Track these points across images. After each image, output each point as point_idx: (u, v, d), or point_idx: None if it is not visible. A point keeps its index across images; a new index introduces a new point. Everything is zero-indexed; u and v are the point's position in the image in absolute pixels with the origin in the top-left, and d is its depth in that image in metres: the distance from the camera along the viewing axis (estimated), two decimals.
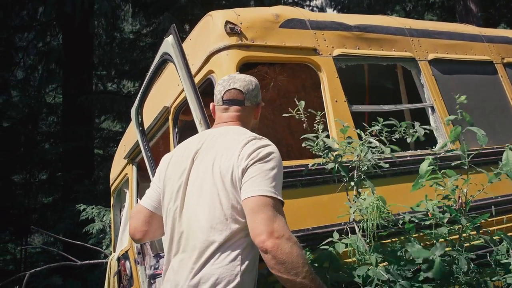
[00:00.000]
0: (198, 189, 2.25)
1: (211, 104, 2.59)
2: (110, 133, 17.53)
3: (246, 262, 2.17)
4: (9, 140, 14.64)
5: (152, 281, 4.31)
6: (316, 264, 2.57)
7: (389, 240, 2.91)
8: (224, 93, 2.50)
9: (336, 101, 3.31)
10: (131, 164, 4.97)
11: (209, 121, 2.77)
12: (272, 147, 2.27)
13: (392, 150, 2.80)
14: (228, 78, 2.55)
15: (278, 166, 2.23)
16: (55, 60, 15.23)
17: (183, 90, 3.49)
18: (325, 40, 3.46)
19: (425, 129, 2.88)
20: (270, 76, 4.45)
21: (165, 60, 3.14)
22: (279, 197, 2.14)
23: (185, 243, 2.24)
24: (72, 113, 14.31)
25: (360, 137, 2.91)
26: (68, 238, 8.75)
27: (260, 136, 2.33)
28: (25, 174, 15.81)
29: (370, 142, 2.81)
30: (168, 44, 2.95)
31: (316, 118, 2.86)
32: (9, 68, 16.07)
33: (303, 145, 2.86)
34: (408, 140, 2.90)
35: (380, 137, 2.84)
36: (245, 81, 2.54)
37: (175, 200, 2.32)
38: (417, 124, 2.89)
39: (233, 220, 2.16)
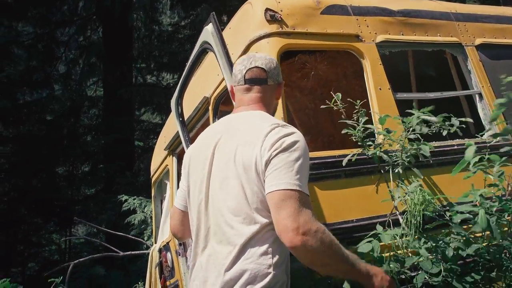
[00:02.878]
0: (222, 182, 2.17)
1: (229, 85, 2.50)
2: (150, 125, 17.72)
3: (277, 255, 2.08)
4: (52, 133, 14.97)
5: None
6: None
7: (433, 233, 2.82)
8: (246, 72, 2.38)
9: (380, 89, 3.21)
10: (171, 156, 4.97)
11: None
12: (297, 135, 2.14)
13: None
14: (248, 57, 2.44)
15: (304, 155, 2.10)
16: (95, 53, 15.47)
17: (223, 80, 3.45)
18: (367, 26, 3.36)
19: (461, 122, 2.77)
20: (311, 65, 4.37)
21: (205, 49, 3.10)
22: (304, 190, 2.03)
23: (213, 238, 2.18)
24: (113, 106, 14.50)
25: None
26: (110, 229, 8.88)
27: (284, 123, 2.21)
28: (68, 166, 16.15)
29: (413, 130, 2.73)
30: (208, 32, 2.91)
31: (356, 107, 2.78)
32: (51, 62, 16.39)
33: (344, 131, 2.78)
34: (444, 133, 2.81)
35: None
36: (267, 59, 2.43)
37: (199, 194, 2.26)
38: (454, 118, 2.78)
39: (260, 213, 2.08)
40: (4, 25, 15.68)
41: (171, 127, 4.64)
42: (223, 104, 3.80)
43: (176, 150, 4.83)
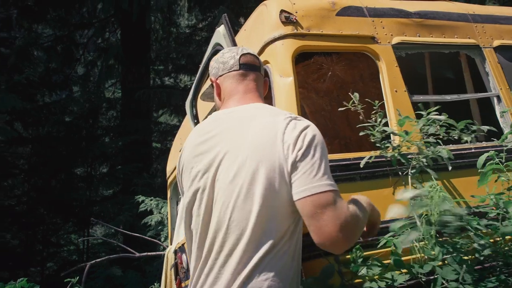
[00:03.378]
0: (234, 188, 1.95)
1: (213, 78, 2.30)
2: (167, 126, 17.84)
3: (293, 269, 2.01)
4: (71, 135, 15.11)
5: None
6: (376, 262, 2.47)
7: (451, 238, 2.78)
8: (240, 57, 2.22)
9: (396, 91, 3.18)
10: None
11: None
12: (312, 127, 2.03)
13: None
14: (236, 47, 2.33)
15: (323, 147, 2.01)
16: (113, 55, 15.59)
17: None
18: (383, 28, 3.33)
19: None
20: (327, 67, 4.35)
21: (217, 51, 3.10)
22: (335, 187, 1.94)
23: (222, 253, 1.97)
24: (131, 108, 14.60)
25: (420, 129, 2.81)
26: (127, 230, 8.92)
27: (293, 115, 2.08)
28: (86, 167, 16.25)
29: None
30: (220, 34, 2.91)
31: (374, 108, 2.76)
32: (70, 64, 16.55)
33: (361, 133, 2.76)
34: (467, 139, 2.78)
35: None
36: (250, 50, 2.33)
37: (201, 203, 2.05)
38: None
39: (280, 222, 1.95)
40: (25, 27, 15.89)
41: (187, 129, 4.65)
42: None
43: None
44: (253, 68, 2.23)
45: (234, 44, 2.79)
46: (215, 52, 3.18)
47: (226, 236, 1.96)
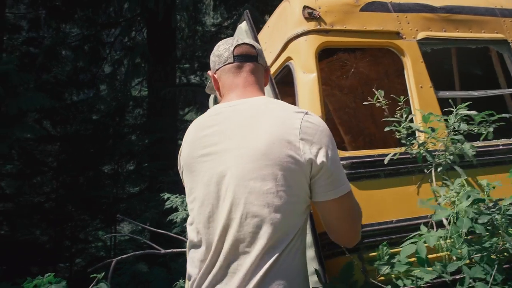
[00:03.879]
0: (246, 185, 1.87)
1: (210, 72, 2.25)
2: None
3: (303, 265, 2.00)
4: (98, 133, 15.27)
5: None
6: (399, 260, 2.43)
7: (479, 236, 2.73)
8: (234, 49, 2.12)
9: (421, 87, 3.14)
10: None
11: None
12: (320, 121, 2.00)
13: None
14: (232, 38, 2.22)
15: (334, 142, 1.99)
16: (140, 54, 15.68)
17: None
18: (408, 23, 3.29)
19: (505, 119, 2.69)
20: (351, 63, 4.31)
21: None
22: (350, 188, 2.01)
23: (235, 252, 1.90)
24: (157, 106, 14.69)
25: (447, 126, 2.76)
26: (153, 226, 8.97)
27: (303, 109, 2.03)
28: (113, 165, 16.41)
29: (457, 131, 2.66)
30: (242, 30, 2.90)
31: (399, 104, 2.72)
32: (97, 63, 16.73)
33: (386, 129, 2.73)
34: (486, 133, 2.72)
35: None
36: (251, 40, 2.25)
37: (208, 203, 1.97)
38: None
39: (294, 219, 1.91)
40: (53, 27, 16.10)
41: None
42: None
43: None
44: (248, 59, 2.12)
45: (256, 40, 2.77)
46: None
47: (238, 234, 1.88)
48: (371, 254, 2.59)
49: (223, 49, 2.16)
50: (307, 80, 2.97)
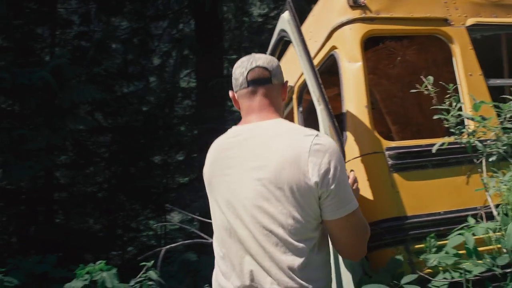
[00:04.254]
0: (260, 205, 2.01)
1: (231, 93, 2.36)
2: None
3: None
4: (148, 124, 15.53)
5: None
6: (447, 252, 2.38)
7: None
8: (248, 73, 2.22)
9: (471, 75, 3.04)
10: None
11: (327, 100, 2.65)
12: (331, 142, 2.10)
13: None
14: (248, 58, 2.29)
15: (342, 163, 2.10)
16: (187, 46, 15.81)
17: None
18: (457, 9, 3.19)
19: None
20: (399, 51, 4.22)
21: (282, 37, 3.08)
22: (357, 204, 2.10)
23: (251, 277, 2.02)
24: (205, 97, 14.79)
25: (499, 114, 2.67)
26: (202, 216, 9.07)
27: (315, 131, 2.10)
28: (163, 155, 16.69)
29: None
30: (284, 20, 2.88)
31: (448, 92, 2.65)
32: (146, 55, 16.97)
33: (435, 117, 2.65)
34: None
35: None
36: (267, 58, 2.30)
37: (225, 217, 2.14)
38: None
39: (306, 242, 2.01)
40: (102, 21, 16.43)
41: None
42: (307, 93, 3.77)
43: None
44: (262, 82, 2.22)
45: (299, 30, 2.75)
46: (280, 38, 3.17)
47: (255, 254, 2.01)
48: (418, 246, 2.55)
49: (238, 74, 2.28)
50: (352, 69, 2.93)
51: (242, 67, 2.27)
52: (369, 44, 3.16)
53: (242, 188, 2.07)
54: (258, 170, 2.04)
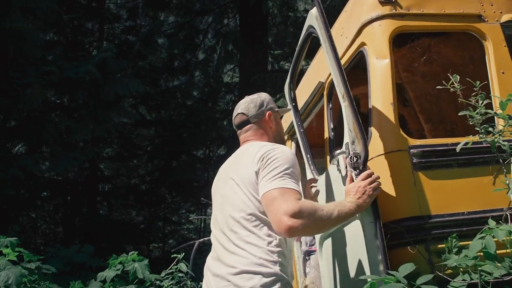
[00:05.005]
0: (228, 199, 2.61)
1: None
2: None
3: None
4: (191, 118, 15.72)
5: (307, 258, 4.31)
6: (466, 255, 2.33)
7: None
8: (234, 120, 2.92)
9: (503, 73, 2.96)
10: (290, 140, 5.01)
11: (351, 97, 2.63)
12: (278, 149, 2.54)
13: None
14: (235, 107, 2.96)
15: (283, 162, 2.45)
16: (232, 41, 15.91)
17: None
18: (492, 5, 3.10)
19: None
20: (434, 48, 4.13)
21: (310, 33, 3.07)
22: (286, 186, 2.36)
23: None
24: (248, 92, 14.68)
25: None
26: None
27: (273, 145, 2.63)
28: (205, 149, 16.87)
29: None
30: (312, 16, 2.87)
31: (475, 90, 2.58)
32: (191, 50, 17.17)
33: (460, 113, 2.59)
34: None
35: None
36: (246, 102, 2.91)
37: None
38: None
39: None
40: (149, 15, 16.70)
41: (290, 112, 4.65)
42: None
43: (295, 135, 4.85)
44: (242, 125, 2.86)
45: (326, 26, 2.73)
46: (308, 34, 3.16)
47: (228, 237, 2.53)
48: (440, 246, 2.51)
49: (233, 117, 2.96)
50: (380, 66, 2.90)
51: (233, 116, 2.96)
52: (404, 40, 3.11)
53: (223, 191, 2.68)
54: (232, 177, 2.63)
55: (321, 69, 3.88)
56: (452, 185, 2.67)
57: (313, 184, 3.35)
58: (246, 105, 2.89)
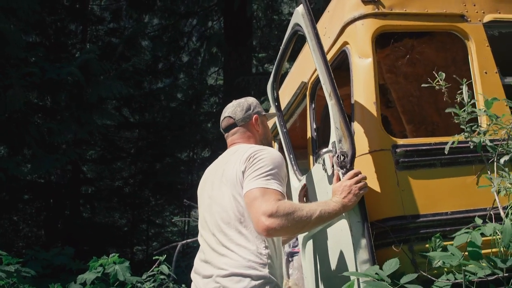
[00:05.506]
0: (215, 199, 2.63)
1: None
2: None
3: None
4: (175, 120, 15.63)
5: (290, 259, 4.29)
6: (452, 254, 2.31)
7: None
8: (221, 123, 2.95)
9: (486, 73, 2.96)
10: (273, 141, 4.98)
11: (339, 96, 2.60)
12: (266, 150, 2.56)
13: None
14: (223, 110, 2.99)
15: (269, 163, 2.47)
16: (216, 43, 15.88)
17: None
18: (474, 5, 3.10)
19: None
20: (417, 49, 4.12)
21: (296, 31, 3.05)
22: (267, 186, 2.37)
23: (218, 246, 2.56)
24: (232, 94, 14.77)
25: None
26: None
27: (261, 146, 2.68)
28: (188, 152, 16.80)
29: None
30: (298, 14, 2.85)
31: (460, 87, 2.57)
32: (175, 52, 17.09)
33: (447, 110, 2.57)
34: None
35: None
36: (233, 106, 2.95)
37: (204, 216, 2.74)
38: None
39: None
40: (133, 17, 16.59)
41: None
42: (320, 89, 3.72)
43: (278, 135, 4.82)
44: (229, 128, 2.90)
45: (313, 24, 2.71)
46: (294, 33, 3.13)
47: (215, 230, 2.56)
48: (424, 246, 2.50)
49: (220, 120, 2.99)
50: (362, 65, 2.88)
51: (221, 116, 2.97)
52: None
53: (211, 190, 2.70)
54: (219, 178, 2.66)
55: (304, 69, 3.86)
56: (435, 185, 2.66)
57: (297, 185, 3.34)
58: (233, 108, 2.93)
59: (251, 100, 3.00)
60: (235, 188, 2.50)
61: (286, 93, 4.33)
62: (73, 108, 11.88)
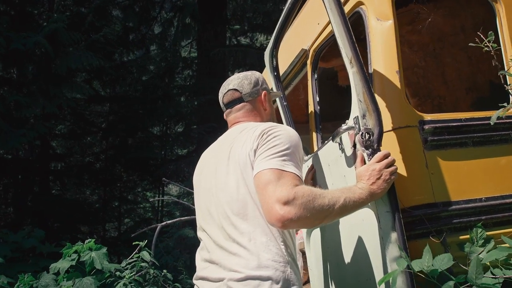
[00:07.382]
0: (221, 186, 2.26)
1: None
2: None
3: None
4: (147, 94, 15.12)
5: None
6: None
7: None
8: (223, 97, 2.58)
9: None
10: None
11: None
12: (281, 127, 2.22)
13: None
14: (224, 83, 2.63)
15: (285, 141, 2.13)
16: (189, 14, 15.36)
17: (324, 29, 3.00)
18: None
19: None
20: (424, 15, 3.79)
21: None
22: (283, 168, 2.02)
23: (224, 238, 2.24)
24: (206, 67, 14.42)
25: None
26: None
27: (274, 123, 2.31)
28: (162, 126, 16.32)
29: None
30: None
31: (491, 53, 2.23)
32: (147, 23, 16.48)
33: (500, 73, 2.22)
34: None
35: None
36: (239, 78, 2.59)
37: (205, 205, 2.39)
38: None
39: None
40: None
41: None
42: (323, 58, 3.35)
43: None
44: (235, 103, 2.53)
45: None
46: None
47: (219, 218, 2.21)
48: (462, 237, 2.17)
49: (220, 97, 2.62)
50: (381, 28, 2.52)
51: (221, 92, 2.61)
52: (397, 3, 2.73)
53: (218, 178, 2.28)
54: (225, 160, 2.29)
55: (303, 35, 3.47)
56: (467, 167, 2.33)
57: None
58: (240, 81, 2.57)
59: (258, 74, 2.66)
60: (246, 171, 2.14)
61: (280, 62, 3.95)
62: (41, 81, 11.32)
